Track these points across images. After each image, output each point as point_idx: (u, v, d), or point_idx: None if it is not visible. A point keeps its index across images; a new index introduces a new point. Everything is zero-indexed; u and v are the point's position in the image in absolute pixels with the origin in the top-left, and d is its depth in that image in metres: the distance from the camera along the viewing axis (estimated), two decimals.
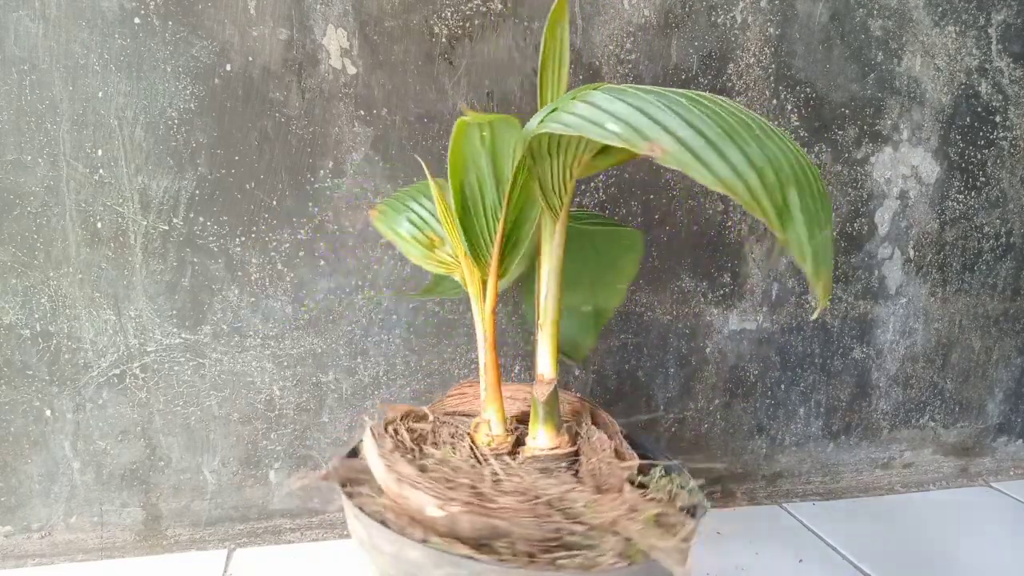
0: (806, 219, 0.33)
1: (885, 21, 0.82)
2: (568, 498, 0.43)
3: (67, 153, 0.66)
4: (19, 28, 0.63)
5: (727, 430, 0.88)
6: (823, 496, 0.93)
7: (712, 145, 0.33)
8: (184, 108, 0.67)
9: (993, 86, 0.88)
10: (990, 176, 0.90)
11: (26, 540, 0.72)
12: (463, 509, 0.41)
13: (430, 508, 0.42)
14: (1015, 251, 0.93)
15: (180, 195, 0.69)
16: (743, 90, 0.80)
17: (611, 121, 0.35)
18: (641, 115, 0.35)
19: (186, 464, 0.74)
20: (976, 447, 0.99)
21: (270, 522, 0.77)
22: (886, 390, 0.93)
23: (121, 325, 0.70)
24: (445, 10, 0.71)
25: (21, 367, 0.68)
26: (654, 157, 0.33)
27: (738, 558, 0.76)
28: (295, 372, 0.74)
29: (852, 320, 0.89)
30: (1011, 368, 0.98)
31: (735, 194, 0.32)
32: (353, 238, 0.73)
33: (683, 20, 0.77)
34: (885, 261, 0.89)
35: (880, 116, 0.85)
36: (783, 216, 0.33)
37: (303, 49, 0.69)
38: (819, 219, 0.34)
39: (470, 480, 0.46)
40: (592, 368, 0.82)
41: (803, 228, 0.33)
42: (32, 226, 0.66)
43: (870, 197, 0.86)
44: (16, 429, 0.70)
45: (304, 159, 0.71)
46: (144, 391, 0.71)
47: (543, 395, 0.49)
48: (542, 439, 0.50)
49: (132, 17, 0.65)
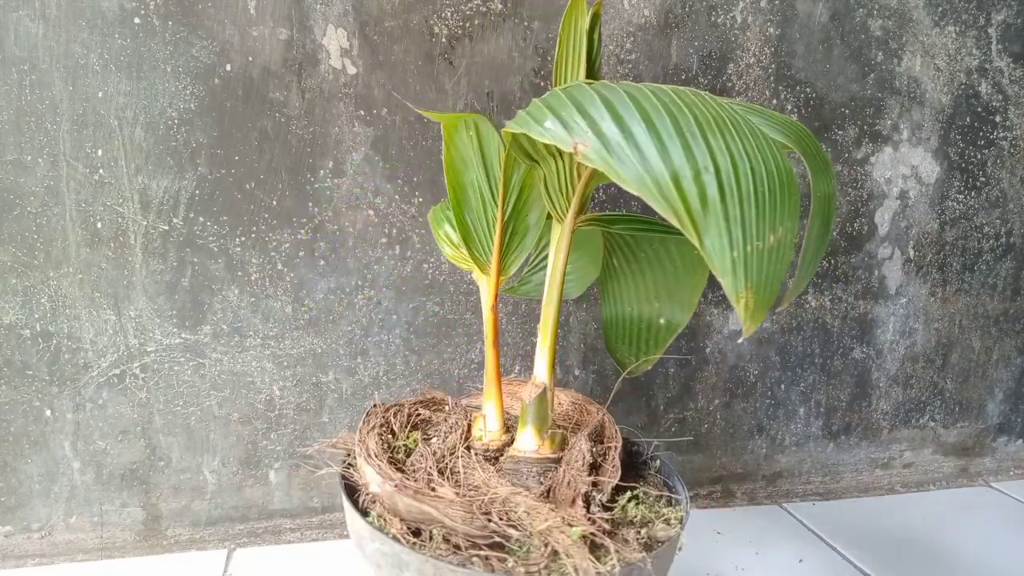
0: (730, 228, 0.30)
1: (885, 21, 0.82)
2: (513, 501, 0.44)
3: (67, 153, 0.66)
4: (19, 28, 0.63)
5: (727, 430, 0.88)
6: (823, 496, 0.93)
7: (635, 145, 0.31)
8: (184, 108, 0.67)
9: (993, 86, 0.88)
10: (990, 176, 0.90)
11: (26, 540, 0.72)
12: (397, 490, 0.44)
13: (373, 484, 0.46)
14: (1015, 251, 0.93)
15: (180, 195, 0.69)
16: (743, 90, 0.80)
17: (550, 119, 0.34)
18: (578, 113, 0.33)
19: (186, 464, 0.74)
20: (976, 447, 0.99)
21: (270, 522, 0.77)
22: (886, 390, 0.93)
23: (121, 325, 0.70)
24: (445, 10, 0.71)
25: (21, 367, 0.68)
26: (577, 156, 0.32)
27: (738, 558, 0.76)
28: (295, 372, 0.74)
29: (852, 320, 0.89)
30: (1011, 368, 0.98)
31: (644, 195, 0.30)
32: (353, 238, 0.73)
33: (683, 20, 0.77)
34: (885, 261, 0.89)
35: (880, 116, 0.85)
36: (697, 222, 0.30)
37: (303, 49, 0.69)
38: (756, 230, 0.30)
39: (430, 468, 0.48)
40: (592, 368, 0.82)
41: (723, 238, 0.30)
42: (32, 226, 0.66)
43: (870, 197, 0.86)
44: (16, 429, 0.70)
45: (304, 159, 0.71)
46: (144, 391, 0.71)
47: (530, 397, 0.50)
48: (525, 441, 0.50)
49: (132, 17, 0.65)
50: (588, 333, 0.81)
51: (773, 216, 0.31)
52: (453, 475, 0.48)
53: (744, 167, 0.31)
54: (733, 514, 0.87)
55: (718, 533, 0.82)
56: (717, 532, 0.82)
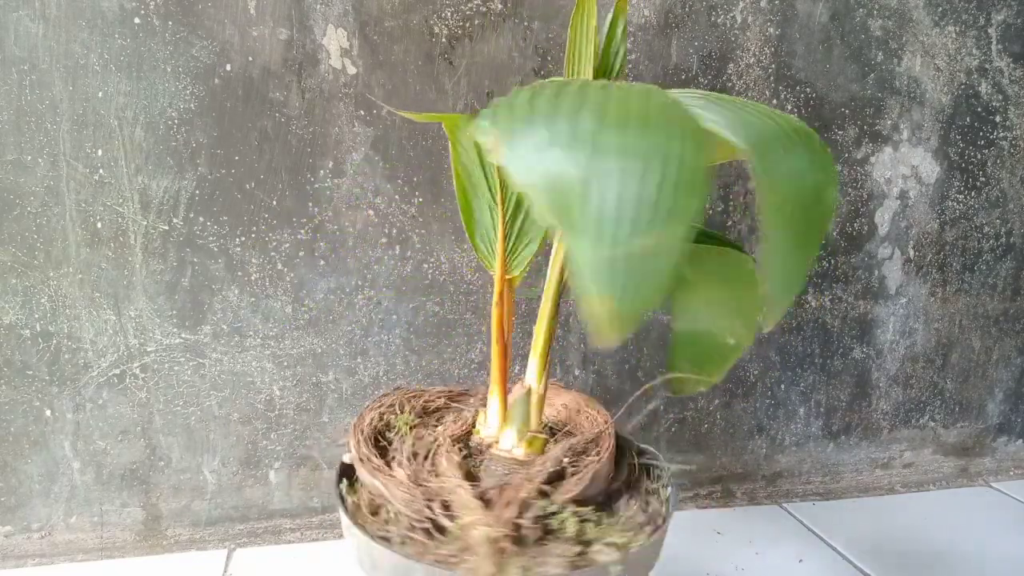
0: (596, 228, 0.27)
1: (885, 21, 0.82)
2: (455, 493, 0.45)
3: (67, 153, 0.66)
4: (19, 28, 0.63)
5: (727, 430, 0.88)
6: (823, 496, 0.93)
7: (535, 143, 0.30)
8: (184, 108, 0.67)
9: (993, 86, 0.88)
10: (990, 176, 0.90)
11: (26, 540, 0.72)
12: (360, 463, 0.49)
13: (346, 456, 0.52)
14: (1015, 251, 0.93)
15: (180, 195, 0.69)
16: (743, 90, 0.80)
17: (487, 117, 0.32)
18: (509, 111, 0.32)
19: (186, 464, 0.74)
20: (976, 447, 0.99)
21: (270, 522, 0.77)
22: (886, 390, 0.93)
23: (121, 325, 0.70)
24: (445, 10, 0.71)
25: (21, 367, 0.68)
26: (490, 155, 0.31)
27: (738, 558, 0.76)
28: (295, 372, 0.74)
29: (852, 320, 0.89)
30: (1011, 368, 0.98)
31: (527, 192, 0.29)
32: (353, 238, 0.73)
33: (683, 20, 0.77)
34: (885, 261, 0.89)
35: (880, 116, 0.85)
36: (569, 221, 0.27)
37: (303, 49, 0.69)
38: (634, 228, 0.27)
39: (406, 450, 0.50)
40: (592, 368, 0.82)
41: (591, 238, 0.27)
42: (32, 226, 0.66)
43: (870, 197, 0.87)
44: (16, 429, 0.70)
45: (304, 159, 0.71)
46: (144, 391, 0.71)
47: (512, 399, 0.51)
48: (504, 441, 0.51)
49: (132, 17, 0.65)
50: (588, 333, 0.81)
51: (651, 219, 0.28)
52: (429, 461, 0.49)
53: (635, 166, 0.29)
54: (733, 514, 0.87)
55: (718, 533, 0.82)
56: (717, 532, 0.82)
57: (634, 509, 0.49)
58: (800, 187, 0.33)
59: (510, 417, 0.51)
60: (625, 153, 0.29)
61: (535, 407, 0.50)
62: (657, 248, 0.28)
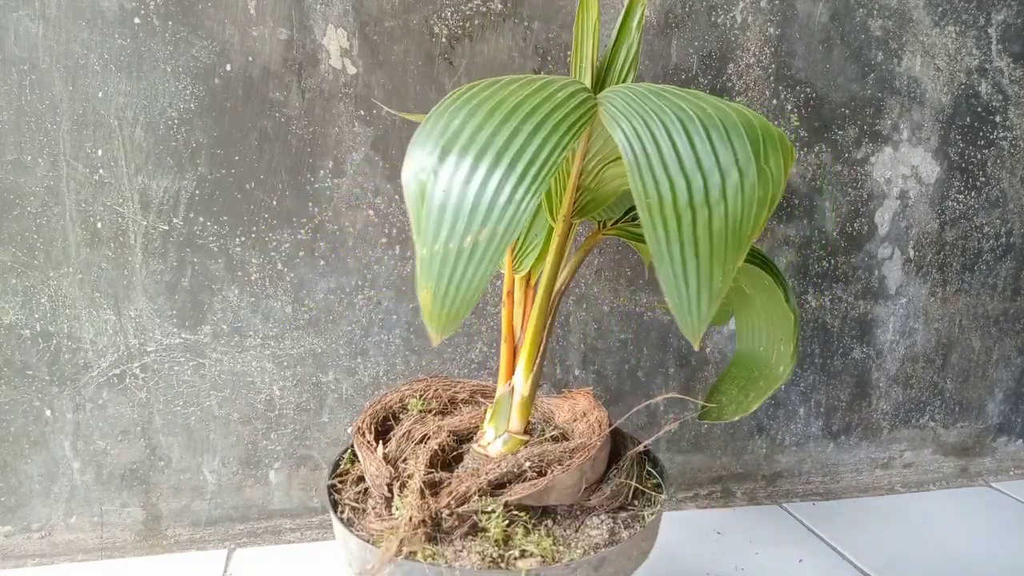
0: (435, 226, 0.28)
1: (885, 21, 0.82)
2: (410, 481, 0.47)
3: (67, 153, 0.66)
4: (19, 28, 0.63)
5: (727, 430, 0.88)
6: (823, 496, 0.93)
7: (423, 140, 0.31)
8: (184, 108, 0.67)
9: (993, 86, 0.88)
10: (990, 176, 0.90)
11: (26, 540, 0.72)
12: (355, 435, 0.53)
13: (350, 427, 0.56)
14: (1015, 251, 0.93)
15: (180, 195, 0.69)
16: (743, 90, 0.80)
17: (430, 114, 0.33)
18: (441, 108, 0.33)
19: (186, 464, 0.74)
20: (976, 447, 0.99)
21: (270, 522, 0.77)
22: (886, 390, 0.93)
23: (121, 325, 0.70)
24: (445, 10, 0.71)
25: (21, 367, 0.68)
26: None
27: (738, 558, 0.76)
28: (295, 372, 0.74)
29: (852, 320, 0.89)
30: (1011, 368, 0.98)
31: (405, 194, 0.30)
32: (353, 238, 0.73)
33: (683, 20, 0.77)
34: (885, 261, 0.89)
35: (880, 116, 0.85)
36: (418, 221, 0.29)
37: (303, 49, 0.69)
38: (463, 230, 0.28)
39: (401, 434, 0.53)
40: (592, 368, 0.82)
41: (428, 236, 0.28)
42: (32, 226, 0.66)
43: (870, 197, 0.86)
44: (16, 429, 0.70)
45: (304, 159, 0.71)
46: (144, 391, 0.71)
47: (494, 399, 0.51)
48: (484, 437, 0.51)
49: (132, 17, 0.65)
50: (588, 333, 0.81)
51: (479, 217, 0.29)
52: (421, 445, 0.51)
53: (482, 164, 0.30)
54: (733, 514, 0.87)
55: (718, 533, 0.82)
56: (717, 532, 0.82)
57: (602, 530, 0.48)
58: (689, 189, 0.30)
59: (492, 416, 0.51)
60: (465, 153, 0.30)
61: (517, 407, 0.50)
62: (476, 246, 0.28)
